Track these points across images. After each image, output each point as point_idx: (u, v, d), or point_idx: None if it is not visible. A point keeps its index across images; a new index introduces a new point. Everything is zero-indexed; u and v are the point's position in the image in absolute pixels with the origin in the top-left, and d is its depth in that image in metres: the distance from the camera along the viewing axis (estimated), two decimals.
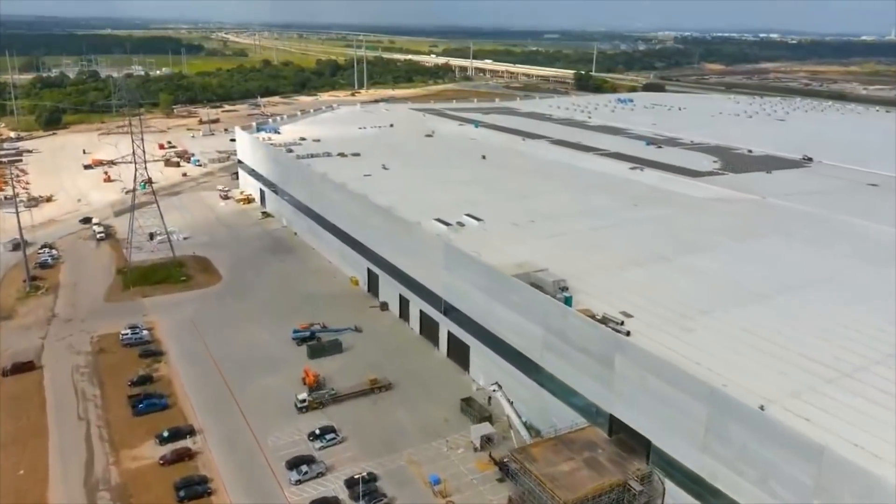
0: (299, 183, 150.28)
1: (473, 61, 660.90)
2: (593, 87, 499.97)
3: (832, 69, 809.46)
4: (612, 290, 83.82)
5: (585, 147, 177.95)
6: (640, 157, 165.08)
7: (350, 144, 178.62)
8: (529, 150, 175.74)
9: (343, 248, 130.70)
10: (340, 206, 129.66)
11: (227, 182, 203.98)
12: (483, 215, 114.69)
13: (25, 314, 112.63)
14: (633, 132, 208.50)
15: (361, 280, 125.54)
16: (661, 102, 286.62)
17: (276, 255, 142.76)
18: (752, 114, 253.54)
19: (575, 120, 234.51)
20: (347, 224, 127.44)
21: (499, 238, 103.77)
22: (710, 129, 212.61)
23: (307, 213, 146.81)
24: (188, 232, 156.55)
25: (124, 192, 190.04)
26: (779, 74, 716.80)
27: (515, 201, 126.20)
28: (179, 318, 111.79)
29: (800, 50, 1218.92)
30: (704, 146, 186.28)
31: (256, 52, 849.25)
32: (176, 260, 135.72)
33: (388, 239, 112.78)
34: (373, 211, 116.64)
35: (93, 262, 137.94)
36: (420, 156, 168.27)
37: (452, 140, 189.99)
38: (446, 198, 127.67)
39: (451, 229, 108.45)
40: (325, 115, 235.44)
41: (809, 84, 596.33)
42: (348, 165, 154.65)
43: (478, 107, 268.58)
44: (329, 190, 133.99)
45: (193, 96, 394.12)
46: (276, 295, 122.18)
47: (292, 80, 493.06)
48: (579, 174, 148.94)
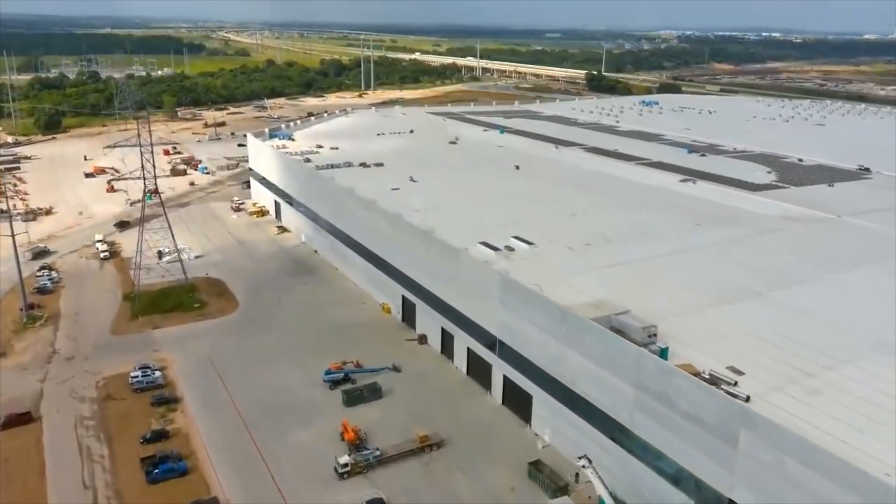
0: (321, 197, 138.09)
1: (480, 61, 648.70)
2: (606, 88, 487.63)
3: (843, 69, 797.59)
4: (707, 336, 71.82)
5: (624, 155, 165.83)
6: (686, 167, 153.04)
7: (370, 153, 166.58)
8: (565, 159, 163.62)
9: (372, 272, 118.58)
10: (370, 225, 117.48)
11: (238, 192, 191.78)
12: (532, 237, 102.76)
13: (22, 350, 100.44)
14: (668, 138, 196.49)
15: (394, 307, 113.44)
16: (688, 105, 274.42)
17: (296, 277, 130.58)
18: (787, 118, 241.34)
19: (603, 124, 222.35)
20: (379, 246, 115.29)
21: (556, 266, 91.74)
22: (749, 135, 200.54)
23: (330, 230, 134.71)
24: (199, 250, 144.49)
25: (129, 203, 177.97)
26: (790, 74, 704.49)
27: (563, 220, 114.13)
28: (195, 355, 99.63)
29: (805, 49, 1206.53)
30: (749, 154, 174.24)
31: (258, 52, 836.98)
32: (188, 283, 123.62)
33: (428, 265, 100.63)
34: (410, 233, 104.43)
35: (96, 285, 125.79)
36: (447, 166, 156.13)
37: (479, 147, 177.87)
38: (486, 216, 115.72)
39: (499, 255, 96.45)
40: (338, 119, 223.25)
41: (824, 84, 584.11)
42: (372, 177, 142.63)
43: (497, 110, 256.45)
44: (357, 207, 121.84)
45: (197, 98, 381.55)
46: (301, 325, 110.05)
47: (297, 80, 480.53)
48: (625, 187, 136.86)
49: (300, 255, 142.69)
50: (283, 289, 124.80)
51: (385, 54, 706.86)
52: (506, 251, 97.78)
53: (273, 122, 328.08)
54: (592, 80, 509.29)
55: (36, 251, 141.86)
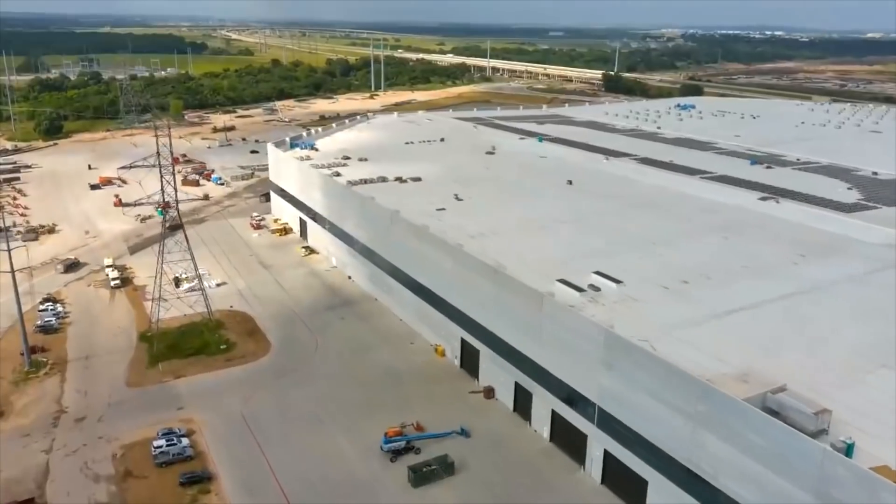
0: (358, 218, 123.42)
1: (490, 61, 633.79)
2: (624, 89, 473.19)
3: (857, 68, 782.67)
4: (883, 418, 57.33)
5: (683, 168, 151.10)
6: (757, 182, 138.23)
7: (403, 164, 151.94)
8: (618, 172, 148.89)
9: (423, 308, 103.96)
10: (421, 254, 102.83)
11: (256, 206, 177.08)
12: (614, 272, 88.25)
13: (24, 409, 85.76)
14: (721, 147, 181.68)
15: (450, 350, 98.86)
16: (727, 109, 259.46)
17: (332, 310, 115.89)
18: (838, 124, 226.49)
19: (644, 131, 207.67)
20: (432, 279, 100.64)
21: (659, 314, 77.15)
22: (807, 144, 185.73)
23: (368, 255, 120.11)
24: (220, 275, 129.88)
25: (139, 220, 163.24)
26: (807, 74, 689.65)
27: (644, 250, 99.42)
28: (226, 414, 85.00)
29: (812, 48, 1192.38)
30: (816, 166, 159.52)
31: (262, 51, 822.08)
32: (212, 320, 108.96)
33: (499, 308, 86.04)
34: (475, 269, 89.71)
35: (108, 321, 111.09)
36: (491, 180, 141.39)
37: (519, 158, 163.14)
38: (553, 243, 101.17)
39: (585, 296, 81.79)
40: (361, 126, 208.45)
41: (844, 85, 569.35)
42: (412, 194, 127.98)
43: (526, 114, 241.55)
44: (404, 233, 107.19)
45: (203, 100, 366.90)
46: (346, 373, 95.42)
47: (305, 81, 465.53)
48: (700, 207, 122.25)
49: (333, 283, 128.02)
50: (320, 325, 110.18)
51: (392, 54, 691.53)
52: (591, 291, 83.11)
53: (284, 126, 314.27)
54: (609, 80, 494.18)
55: (68, 263, 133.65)
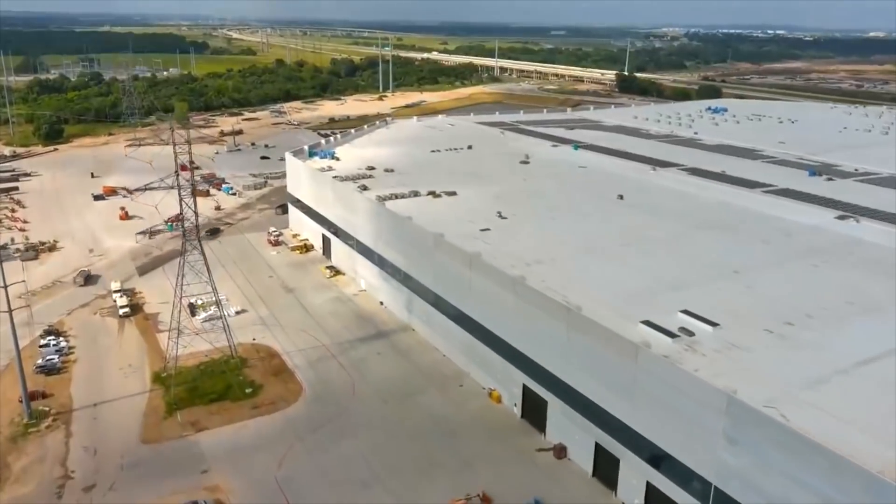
0: (393, 240, 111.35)
1: (499, 60, 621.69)
2: (638, 90, 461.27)
3: (869, 68, 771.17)
4: None
5: (739, 180, 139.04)
6: (823, 197, 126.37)
7: (432, 175, 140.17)
8: (669, 185, 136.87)
9: (474, 345, 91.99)
10: (473, 285, 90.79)
11: (272, 219, 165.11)
12: (702, 309, 76.45)
13: (23, 474, 73.62)
14: (768, 155, 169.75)
15: (507, 396, 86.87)
16: (760, 112, 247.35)
17: (366, 343, 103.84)
18: (884, 129, 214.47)
19: (681, 136, 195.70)
20: (487, 314, 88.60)
21: (772, 367, 65.09)
22: (858, 152, 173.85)
23: (405, 281, 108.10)
24: (239, 301, 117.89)
25: (148, 236, 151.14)
26: (820, 74, 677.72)
27: (727, 281, 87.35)
28: (259, 479, 72.92)
29: (818, 47, 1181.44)
30: (877, 178, 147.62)
31: (264, 51, 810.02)
32: (235, 357, 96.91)
33: (576, 355, 74.06)
34: (544, 308, 77.71)
35: (117, 358, 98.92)
36: (533, 194, 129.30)
37: (557, 169, 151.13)
38: (623, 274, 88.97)
39: (678, 343, 69.81)
40: (380, 132, 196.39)
41: (861, 85, 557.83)
42: (448, 211, 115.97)
43: (550, 118, 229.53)
44: (451, 260, 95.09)
45: (208, 102, 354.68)
46: (391, 423, 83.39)
47: (311, 82, 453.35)
48: (773, 226, 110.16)
49: (364, 310, 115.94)
50: (355, 361, 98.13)
51: (397, 54, 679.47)
52: (684, 336, 71.16)
53: (293, 129, 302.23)
54: (623, 80, 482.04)
55: (86, 275, 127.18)
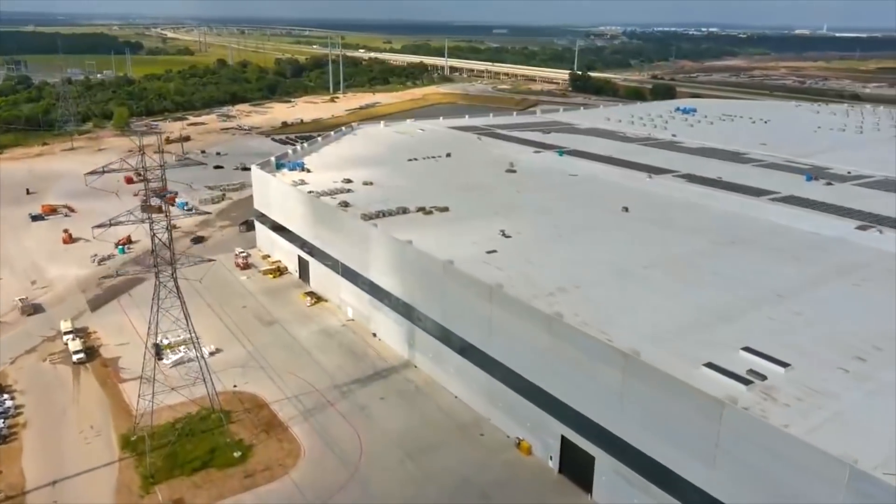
0: (390, 266, 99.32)
1: (448, 60, 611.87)
2: (593, 89, 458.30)
3: (805, 64, 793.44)
4: None
5: (738, 187, 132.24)
6: (831, 204, 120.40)
7: (416, 188, 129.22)
8: (673, 195, 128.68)
9: (495, 388, 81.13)
10: (495, 321, 79.92)
11: (237, 238, 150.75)
12: (760, 343, 68.14)
13: None
14: (755, 158, 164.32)
15: (540, 447, 76.41)
16: (729, 112, 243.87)
17: (365, 385, 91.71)
18: (856, 128, 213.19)
19: (660, 139, 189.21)
20: (514, 355, 77.79)
21: (868, 419, 56.62)
22: (842, 153, 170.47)
23: (405, 312, 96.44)
24: (213, 338, 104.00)
25: (97, 262, 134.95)
26: (763, 71, 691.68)
27: (774, 307, 78.79)
28: None
29: (752, 44, 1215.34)
30: (872, 180, 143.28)
31: (202, 51, 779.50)
32: (217, 411, 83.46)
33: (632, 407, 64.05)
34: (591, 352, 67.44)
35: (76, 418, 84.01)
36: (531, 208, 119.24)
37: (549, 178, 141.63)
38: (660, 302, 79.39)
39: (751, 390, 60.76)
40: (349, 139, 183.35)
41: (804, 82, 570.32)
42: (444, 230, 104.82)
43: (523, 121, 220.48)
44: (465, 292, 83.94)
45: (149, 106, 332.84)
46: (411, 491, 71.64)
47: (258, 83, 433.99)
48: (797, 239, 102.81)
49: (355, 343, 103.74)
50: (355, 409, 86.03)
51: (345, 53, 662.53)
52: (756, 381, 62.08)
53: (245, 134, 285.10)
54: (577, 80, 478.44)
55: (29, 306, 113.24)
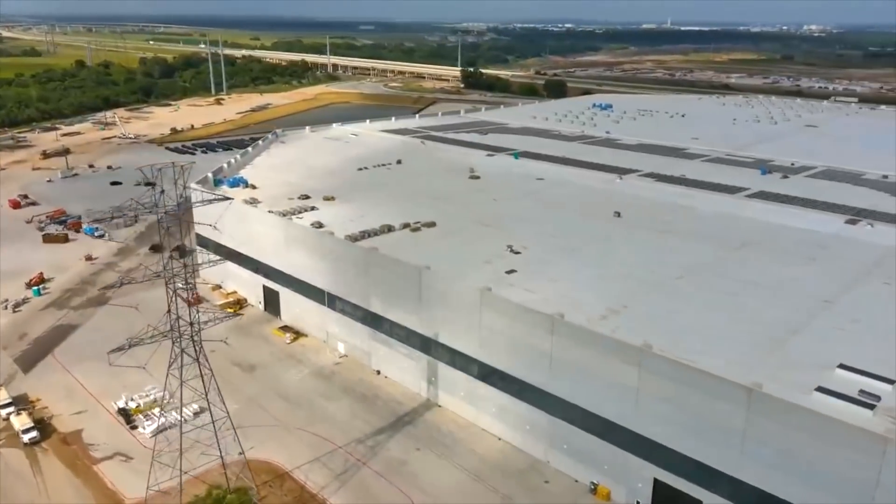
0: (402, 296, 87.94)
1: (331, 57, 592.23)
2: (485, 86, 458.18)
3: (666, 58, 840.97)
4: None
5: (706, 184, 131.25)
6: (804, 198, 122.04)
7: (383, 200, 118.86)
8: (650, 196, 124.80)
9: (560, 429, 72.82)
10: (557, 357, 71.46)
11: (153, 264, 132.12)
12: (848, 359, 64.64)
13: None
14: (697, 153, 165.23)
15: (624, 493, 68.94)
16: (645, 108, 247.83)
17: (392, 435, 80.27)
18: (770, 119, 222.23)
19: (597, 137, 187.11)
20: (589, 394, 69.72)
21: None
22: (775, 145, 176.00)
23: (423, 347, 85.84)
24: (189, 394, 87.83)
25: (10, 308, 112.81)
26: (633, 66, 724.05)
27: (831, 316, 75.67)
28: None
29: (609, 39, 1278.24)
30: (817, 171, 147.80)
31: (51, 51, 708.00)
32: (239, 490, 69.06)
33: (755, 448, 57.95)
34: (702, 387, 60.73)
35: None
36: (518, 218, 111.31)
37: (517, 183, 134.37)
38: (720, 320, 74.24)
39: (879, 416, 56.55)
40: (281, 148, 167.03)
41: (673, 75, 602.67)
42: (442, 248, 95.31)
43: (452, 122, 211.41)
44: (516, 324, 74.76)
45: (11, 115, 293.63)
46: None
47: (130, 86, 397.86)
48: (798, 239, 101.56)
49: (359, 385, 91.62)
50: (393, 466, 74.72)
51: (223, 52, 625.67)
52: (874, 403, 58.02)
53: (132, 143, 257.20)
54: (469, 77, 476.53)
55: None
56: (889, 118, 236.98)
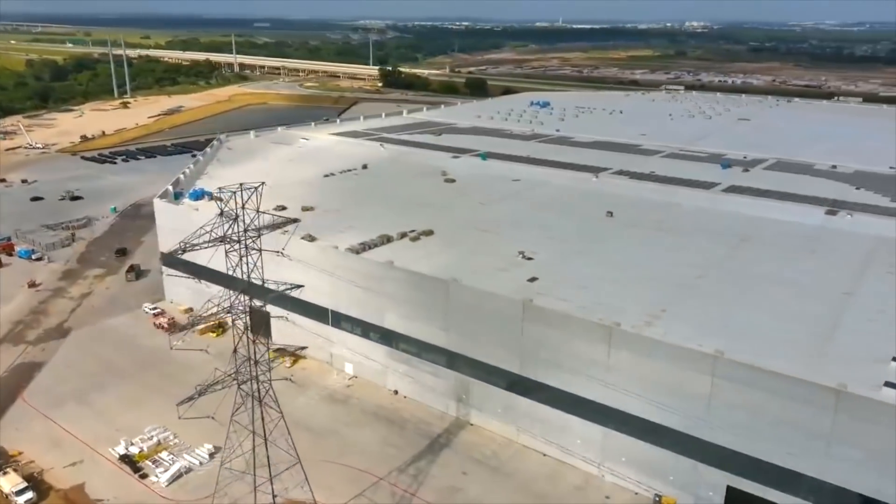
0: (422, 311, 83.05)
1: (238, 57, 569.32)
2: (404, 85, 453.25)
3: (567, 55, 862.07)
4: None
5: (684, 181, 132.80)
6: (776, 191, 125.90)
7: (366, 210, 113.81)
8: (631, 194, 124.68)
9: (613, 441, 70.58)
10: (614, 367, 69.08)
11: (125, 287, 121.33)
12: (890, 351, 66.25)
13: None
14: (653, 149, 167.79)
15: (691, 501, 67.54)
16: (582, 105, 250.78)
17: (432, 460, 75.46)
18: (704, 113, 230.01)
19: (548, 135, 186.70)
20: (649, 404, 67.63)
21: None
22: (721, 139, 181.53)
23: (450, 363, 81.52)
24: (193, 435, 79.66)
25: None
26: (541, 63, 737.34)
27: (858, 310, 77.54)
28: None
29: (505, 37, 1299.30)
30: (771, 164, 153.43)
31: None
32: None
33: (849, 448, 57.72)
34: (780, 391, 59.88)
35: None
36: (513, 222, 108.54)
37: (494, 186, 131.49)
38: (764, 319, 74.29)
39: None
40: (228, 155, 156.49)
41: (581, 71, 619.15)
42: (450, 257, 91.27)
43: (400, 123, 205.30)
44: (565, 335, 71.79)
45: None
46: None
47: (21, 90, 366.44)
48: (782, 231, 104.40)
49: (380, 408, 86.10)
50: (448, 494, 70.23)
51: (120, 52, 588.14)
52: None
53: (41, 154, 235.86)
54: (388, 76, 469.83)
55: None
56: (806, 109, 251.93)
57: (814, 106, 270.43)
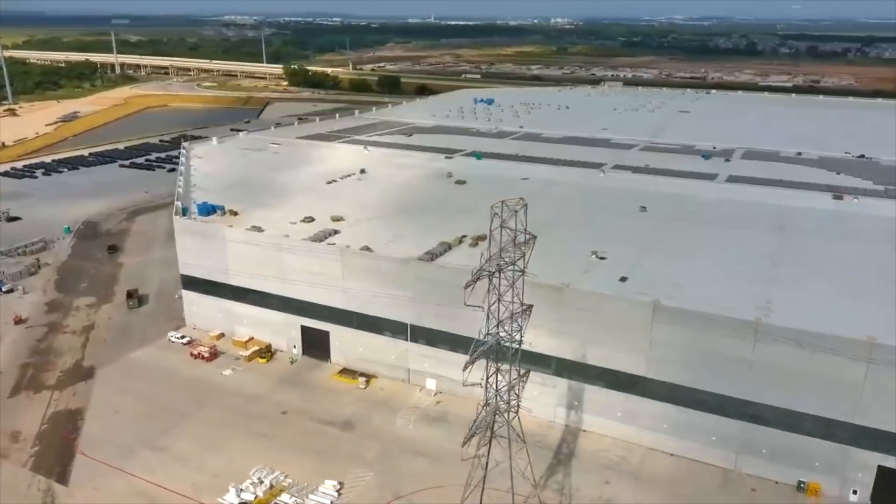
0: (538, 319, 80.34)
1: (119, 56, 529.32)
2: (311, 83, 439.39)
3: (465, 52, 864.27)
4: None
5: (689, 174, 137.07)
6: (772, 178, 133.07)
7: (402, 218, 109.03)
8: (646, 188, 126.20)
9: (752, 434, 71.40)
10: (757, 364, 69.78)
11: (127, 313, 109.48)
12: None
13: None
14: (625, 143, 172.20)
15: (836, 484, 69.60)
16: (526, 101, 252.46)
17: (568, 474, 73.30)
18: (647, 107, 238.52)
19: (517, 132, 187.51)
20: (801, 397, 68.55)
21: None
22: (678, 131, 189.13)
23: (559, 371, 79.59)
24: (301, 474, 72.86)
25: None
26: (441, 60, 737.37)
27: None
28: None
29: (385, 33, 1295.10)
30: (745, 152, 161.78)
31: None
32: None
33: None
34: None
35: None
36: (553, 222, 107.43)
37: (507, 186, 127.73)
38: (857, 309, 77.53)
39: None
40: (207, 165, 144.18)
41: (479, 67, 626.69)
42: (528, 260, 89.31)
43: (362, 124, 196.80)
44: (699, 335, 71.71)
45: None
46: None
47: None
48: (810, 218, 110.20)
49: None
50: None
51: None
52: None
53: None
54: (294, 74, 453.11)
55: None
56: (725, 101, 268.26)
57: (730, 97, 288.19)
